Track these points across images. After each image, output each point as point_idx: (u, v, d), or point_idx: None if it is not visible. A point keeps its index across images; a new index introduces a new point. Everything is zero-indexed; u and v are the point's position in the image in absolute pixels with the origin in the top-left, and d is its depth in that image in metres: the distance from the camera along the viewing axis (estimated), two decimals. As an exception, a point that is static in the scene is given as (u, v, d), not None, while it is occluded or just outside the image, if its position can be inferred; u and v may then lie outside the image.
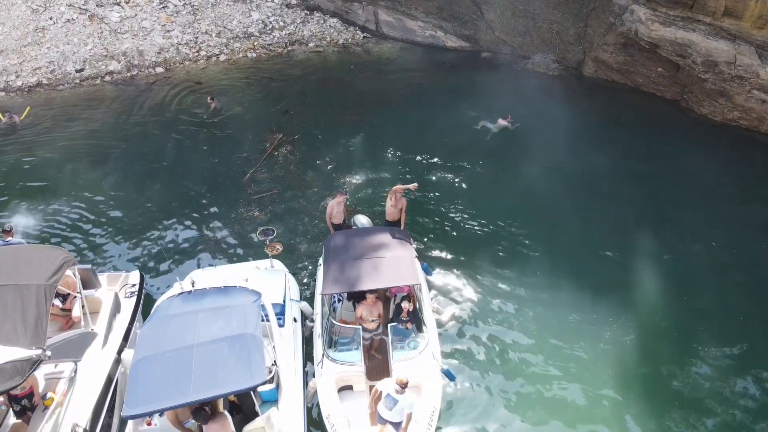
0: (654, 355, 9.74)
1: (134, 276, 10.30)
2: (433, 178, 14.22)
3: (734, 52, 14.83)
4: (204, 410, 7.04)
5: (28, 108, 16.84)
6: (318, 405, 8.42)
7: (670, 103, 16.80)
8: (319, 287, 9.88)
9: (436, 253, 11.90)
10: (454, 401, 9.02)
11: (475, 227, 12.61)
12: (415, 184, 11.12)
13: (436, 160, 14.78)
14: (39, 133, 16.18)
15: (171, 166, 14.84)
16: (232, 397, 7.97)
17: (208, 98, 17.23)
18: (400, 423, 7.72)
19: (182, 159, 15.10)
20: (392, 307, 9.64)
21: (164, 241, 12.29)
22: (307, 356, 9.41)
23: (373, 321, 9.08)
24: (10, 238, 10.17)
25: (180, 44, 20.14)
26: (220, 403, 7.57)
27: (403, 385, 7.50)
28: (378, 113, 16.93)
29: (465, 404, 9.00)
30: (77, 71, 18.76)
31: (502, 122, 15.91)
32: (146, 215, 13.11)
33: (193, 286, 8.69)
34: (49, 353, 7.40)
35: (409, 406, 7.55)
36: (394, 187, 11.09)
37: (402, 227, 11.14)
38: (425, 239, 12.22)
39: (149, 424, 7.79)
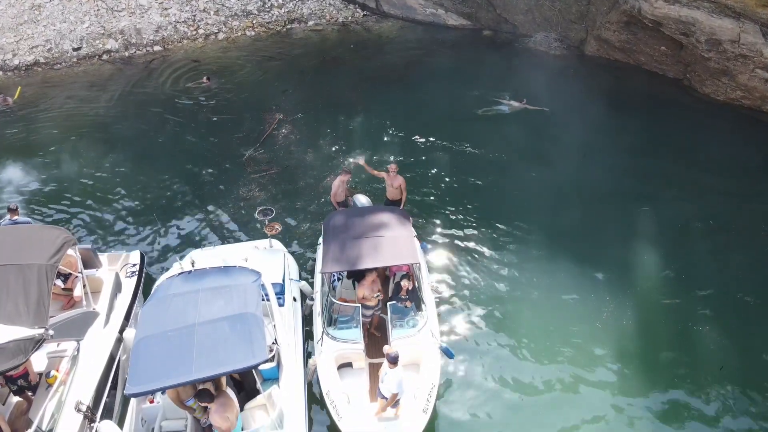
0: (651, 333, 9.79)
1: (135, 256, 10.33)
2: (433, 157, 14.17)
3: (738, 30, 14.65)
4: (207, 390, 7.12)
5: (19, 88, 16.72)
6: (318, 382, 8.52)
7: (672, 82, 16.67)
8: (318, 266, 9.94)
9: (435, 232, 11.93)
10: (453, 378, 9.12)
11: (475, 207, 12.60)
12: (361, 158, 12.11)
13: (435, 139, 14.72)
14: (37, 113, 16.11)
15: (170, 146, 14.82)
16: (236, 375, 8.05)
17: (204, 77, 17.12)
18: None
19: (181, 138, 15.06)
20: (391, 285, 9.70)
21: (163, 221, 12.30)
22: (307, 335, 9.50)
23: (377, 296, 9.15)
24: (16, 217, 10.18)
25: (178, 22, 19.94)
26: (223, 381, 7.64)
27: (389, 356, 7.52)
28: (378, 92, 16.82)
29: (463, 381, 9.10)
30: (74, 50, 18.60)
31: (516, 104, 15.71)
32: (145, 195, 13.12)
33: (192, 266, 8.73)
34: (51, 332, 7.44)
35: (397, 385, 7.55)
36: (374, 172, 11.63)
37: (402, 206, 11.15)
38: (425, 219, 12.23)
39: (152, 401, 7.90)
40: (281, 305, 9.01)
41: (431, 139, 14.75)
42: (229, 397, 7.28)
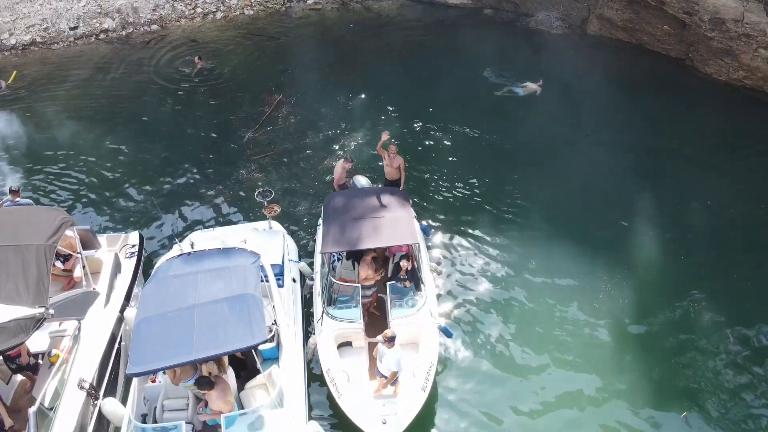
0: (649, 312, 9.85)
1: (134, 237, 10.35)
2: (433, 138, 14.12)
3: (742, 9, 14.47)
4: (206, 378, 7.16)
5: (15, 72, 16.59)
6: (318, 360, 8.60)
7: (674, 62, 16.52)
8: (318, 246, 9.97)
9: (435, 213, 11.93)
10: (451, 357, 9.21)
11: (474, 188, 12.59)
12: (385, 132, 11.07)
13: (435, 119, 14.64)
14: (35, 93, 16.02)
15: (168, 127, 14.74)
16: (238, 354, 8.11)
17: (195, 57, 16.93)
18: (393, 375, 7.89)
19: (180, 120, 14.98)
20: (391, 266, 9.74)
21: (162, 203, 12.29)
22: (307, 315, 9.56)
23: (380, 274, 9.20)
24: (18, 199, 10.18)
25: (175, 1, 19.69)
26: (225, 361, 7.71)
27: (388, 338, 7.62)
28: (377, 72, 16.69)
29: (461, 360, 9.18)
30: (71, 29, 18.41)
31: (532, 86, 15.38)
32: (144, 176, 13.09)
33: (192, 247, 8.75)
34: (51, 311, 7.49)
35: (396, 363, 7.66)
36: (378, 147, 11.12)
37: (401, 187, 11.14)
38: (424, 200, 12.23)
39: (153, 381, 7.99)
40: (280, 286, 9.06)
41: (430, 119, 14.66)
42: (225, 382, 7.35)
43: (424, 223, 11.23)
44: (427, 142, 13.96)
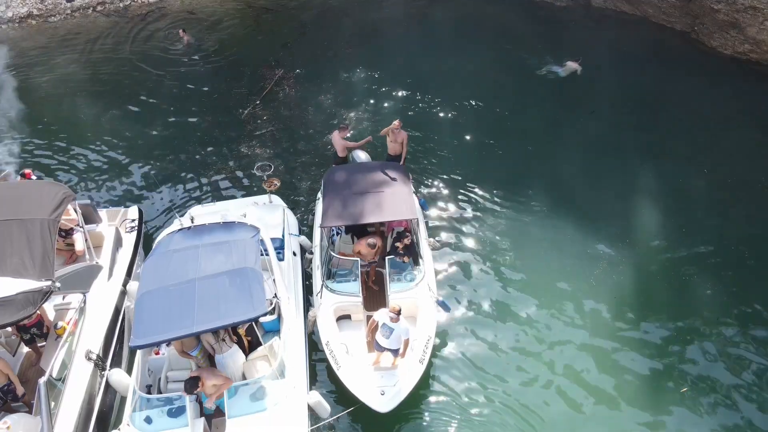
0: (648, 287, 9.94)
1: (133, 211, 10.42)
2: (434, 112, 14.06)
3: (749, -20, 14.22)
4: (190, 380, 7.11)
5: None
6: (318, 333, 8.76)
7: (679, 35, 16.27)
8: (318, 220, 10.05)
9: (434, 187, 11.97)
10: (449, 331, 9.36)
11: (474, 162, 12.58)
12: (396, 122, 10.94)
13: (437, 93, 14.54)
14: (32, 67, 15.92)
15: (167, 102, 14.67)
16: (245, 337, 8.25)
17: (180, 30, 16.65)
18: (398, 349, 8.08)
19: (179, 94, 14.90)
20: (389, 241, 9.82)
21: (162, 178, 12.32)
22: (308, 288, 9.69)
23: (372, 261, 9.30)
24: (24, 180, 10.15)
25: (173, -28, 19.35)
26: (227, 338, 7.84)
27: (397, 312, 7.81)
28: (380, 46, 16.50)
29: (459, 333, 9.33)
30: (68, 1, 18.19)
31: (572, 65, 15.00)
32: (143, 151, 13.10)
33: (192, 222, 8.83)
34: (58, 284, 7.60)
35: (405, 332, 7.91)
36: (382, 132, 11.10)
37: (402, 162, 11.14)
38: (425, 174, 12.24)
39: (157, 353, 8.16)
40: (281, 260, 9.16)
41: (432, 93, 14.56)
42: (209, 366, 7.47)
43: (422, 197, 11.27)
44: (427, 116, 13.89)
